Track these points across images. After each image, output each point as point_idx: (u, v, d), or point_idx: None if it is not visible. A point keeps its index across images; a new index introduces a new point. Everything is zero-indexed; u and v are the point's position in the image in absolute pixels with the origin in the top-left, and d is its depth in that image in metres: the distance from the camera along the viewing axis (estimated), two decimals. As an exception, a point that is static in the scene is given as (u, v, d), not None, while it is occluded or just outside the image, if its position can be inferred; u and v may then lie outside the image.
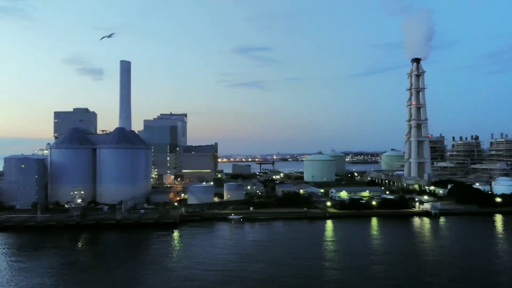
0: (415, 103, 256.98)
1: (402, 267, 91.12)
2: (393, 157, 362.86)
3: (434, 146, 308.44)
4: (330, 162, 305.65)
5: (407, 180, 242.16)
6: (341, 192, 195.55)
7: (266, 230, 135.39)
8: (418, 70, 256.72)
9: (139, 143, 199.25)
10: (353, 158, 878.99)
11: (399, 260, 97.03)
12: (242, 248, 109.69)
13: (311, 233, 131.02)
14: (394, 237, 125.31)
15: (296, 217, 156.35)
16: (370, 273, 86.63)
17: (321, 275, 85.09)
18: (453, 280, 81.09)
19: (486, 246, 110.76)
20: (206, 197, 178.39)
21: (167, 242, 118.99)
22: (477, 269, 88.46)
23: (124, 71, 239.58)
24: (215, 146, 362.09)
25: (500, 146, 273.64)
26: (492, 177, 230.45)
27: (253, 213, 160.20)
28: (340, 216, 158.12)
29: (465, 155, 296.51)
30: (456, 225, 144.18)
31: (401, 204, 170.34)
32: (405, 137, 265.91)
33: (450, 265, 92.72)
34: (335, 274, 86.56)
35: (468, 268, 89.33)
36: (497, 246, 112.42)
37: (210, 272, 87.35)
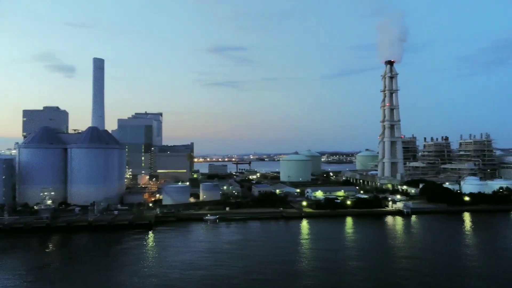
0: (389, 104, 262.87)
1: (376, 264, 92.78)
2: (367, 157, 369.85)
3: (407, 147, 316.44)
4: (306, 162, 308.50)
5: (380, 180, 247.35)
6: (316, 192, 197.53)
7: (242, 231, 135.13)
8: (392, 72, 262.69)
9: (112, 143, 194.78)
10: (328, 158, 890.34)
11: (373, 257, 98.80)
12: (218, 248, 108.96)
13: (287, 233, 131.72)
14: (368, 235, 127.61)
15: (272, 217, 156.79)
16: (345, 271, 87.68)
17: (296, 275, 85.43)
18: (424, 275, 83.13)
19: (454, 243, 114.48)
20: (182, 198, 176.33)
21: (142, 243, 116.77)
22: (446, 265, 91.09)
23: (97, 69, 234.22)
24: (191, 146, 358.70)
25: (468, 147, 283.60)
26: (461, 177, 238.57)
27: (229, 214, 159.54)
28: (315, 215, 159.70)
29: (435, 155, 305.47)
30: (427, 223, 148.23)
31: (375, 203, 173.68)
32: (379, 137, 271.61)
33: (420, 261, 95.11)
34: (311, 273, 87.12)
35: (438, 264, 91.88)
36: (465, 243, 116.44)
37: (186, 273, 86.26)
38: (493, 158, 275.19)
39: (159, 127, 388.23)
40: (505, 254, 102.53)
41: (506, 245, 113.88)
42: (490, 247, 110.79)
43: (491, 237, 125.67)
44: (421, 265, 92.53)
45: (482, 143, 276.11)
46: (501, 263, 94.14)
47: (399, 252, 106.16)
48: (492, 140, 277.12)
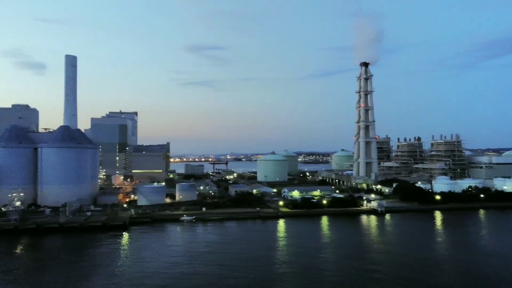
0: (364, 105, 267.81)
1: (351, 261, 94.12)
2: (343, 157, 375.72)
3: (381, 147, 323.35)
4: (283, 162, 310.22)
5: (355, 179, 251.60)
6: (293, 192, 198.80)
7: (219, 231, 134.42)
8: (367, 74, 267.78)
9: (85, 142, 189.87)
10: (305, 158, 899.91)
11: (348, 255, 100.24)
12: (194, 249, 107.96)
13: (263, 233, 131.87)
14: (344, 234, 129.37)
15: (249, 217, 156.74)
16: (320, 269, 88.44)
17: (272, 274, 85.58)
18: (397, 271, 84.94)
19: (426, 240, 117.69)
20: (157, 198, 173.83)
21: (116, 245, 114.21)
22: (418, 261, 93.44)
23: (69, 66, 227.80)
24: (167, 146, 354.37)
25: (439, 147, 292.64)
26: (433, 176, 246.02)
27: (206, 214, 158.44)
28: (292, 215, 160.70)
29: (408, 156, 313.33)
30: (400, 221, 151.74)
31: (350, 202, 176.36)
32: (354, 138, 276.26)
33: (393, 257, 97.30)
34: (286, 272, 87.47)
35: (410, 260, 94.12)
36: (436, 240, 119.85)
37: (161, 274, 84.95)
38: (463, 158, 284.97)
39: (134, 126, 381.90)
40: (473, 250, 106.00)
41: (475, 241, 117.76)
42: (459, 244, 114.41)
43: (460, 234, 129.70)
44: (394, 261, 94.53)
45: (452, 143, 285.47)
46: (469, 258, 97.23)
47: (373, 250, 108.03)
48: (462, 141, 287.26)
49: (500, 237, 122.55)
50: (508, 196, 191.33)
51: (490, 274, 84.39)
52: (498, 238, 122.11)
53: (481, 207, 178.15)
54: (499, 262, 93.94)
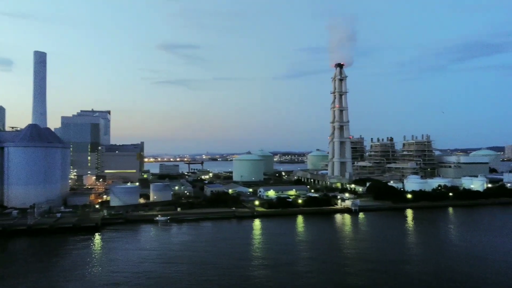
0: (338, 106, 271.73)
1: (325, 259, 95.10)
2: (318, 157, 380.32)
3: (355, 147, 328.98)
4: (258, 162, 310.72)
5: (330, 179, 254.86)
6: (268, 191, 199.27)
7: (194, 231, 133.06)
8: (341, 75, 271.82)
9: (55, 142, 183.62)
10: (281, 158, 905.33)
11: (323, 253, 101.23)
12: (169, 249, 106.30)
13: (239, 233, 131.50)
14: (318, 233, 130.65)
15: (224, 216, 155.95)
16: (295, 268, 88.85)
17: (247, 274, 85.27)
18: (370, 268, 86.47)
19: (398, 238, 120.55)
20: (131, 199, 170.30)
21: (87, 247, 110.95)
22: (390, 258, 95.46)
23: (38, 63, 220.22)
24: (141, 145, 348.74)
25: (411, 147, 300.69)
26: (404, 175, 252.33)
27: (181, 214, 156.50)
28: (267, 214, 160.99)
29: (381, 155, 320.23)
30: (373, 220, 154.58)
31: (325, 201, 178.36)
32: (329, 138, 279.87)
33: (366, 255, 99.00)
34: (262, 271, 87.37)
35: (382, 257, 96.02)
36: (407, 238, 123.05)
37: (135, 275, 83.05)
38: (433, 158, 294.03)
39: (107, 125, 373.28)
40: (442, 247, 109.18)
41: (444, 239, 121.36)
42: (428, 241, 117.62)
43: (430, 231, 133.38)
44: (366, 258, 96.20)
45: (423, 143, 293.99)
46: (438, 254, 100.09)
47: (347, 248, 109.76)
48: (432, 141, 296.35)
49: (467, 234, 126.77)
50: (475, 194, 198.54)
51: (458, 270, 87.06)
52: (465, 235, 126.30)
53: (450, 205, 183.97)
54: (465, 258, 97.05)
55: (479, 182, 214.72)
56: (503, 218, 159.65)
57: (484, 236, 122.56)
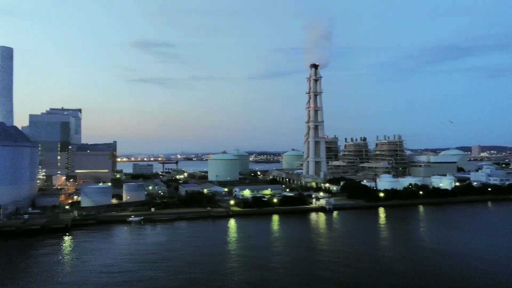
0: (313, 106, 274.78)
1: (300, 257, 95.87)
2: (293, 157, 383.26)
3: (329, 147, 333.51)
4: (234, 161, 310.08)
5: (305, 178, 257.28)
6: (244, 191, 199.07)
7: (168, 231, 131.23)
8: (316, 75, 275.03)
9: (22, 140, 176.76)
10: (256, 158, 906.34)
11: (297, 251, 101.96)
12: (142, 250, 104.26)
13: (214, 232, 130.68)
14: (293, 231, 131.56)
15: (199, 216, 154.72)
16: (271, 266, 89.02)
17: (222, 274, 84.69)
18: (343, 264, 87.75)
19: (370, 235, 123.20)
20: (103, 199, 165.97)
21: (57, 249, 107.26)
22: (363, 255, 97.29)
23: (4, 59, 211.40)
24: (114, 145, 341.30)
25: (383, 147, 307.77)
26: (377, 175, 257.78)
27: (155, 214, 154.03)
28: (243, 214, 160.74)
29: (355, 155, 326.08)
30: (347, 218, 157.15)
31: (300, 200, 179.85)
32: (304, 137, 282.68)
33: (340, 252, 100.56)
34: (237, 270, 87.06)
35: (356, 256, 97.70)
36: (379, 235, 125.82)
37: (107, 276, 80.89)
38: (404, 157, 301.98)
39: (78, 124, 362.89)
40: (413, 243, 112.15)
41: (414, 235, 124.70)
42: (399, 238, 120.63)
43: (401, 229, 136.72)
44: (340, 255, 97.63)
45: (395, 143, 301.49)
46: (409, 251, 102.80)
47: (321, 245, 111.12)
48: (403, 141, 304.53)
49: (436, 231, 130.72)
50: (444, 192, 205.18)
51: (427, 265, 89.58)
52: (435, 232, 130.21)
53: (420, 203, 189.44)
54: (434, 253, 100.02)
55: (447, 181, 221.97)
56: (470, 215, 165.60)
57: (454, 233, 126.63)
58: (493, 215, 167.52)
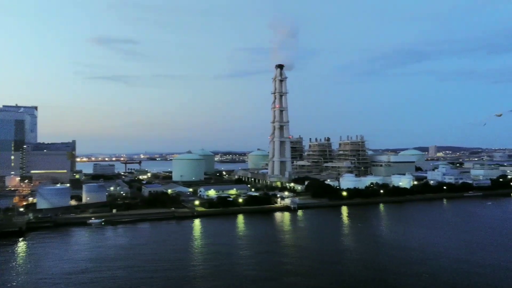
0: (279, 106, 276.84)
1: (264, 256, 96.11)
2: (258, 157, 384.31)
3: (294, 146, 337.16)
4: (199, 161, 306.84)
5: (270, 178, 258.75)
6: (209, 191, 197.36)
7: (131, 233, 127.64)
8: (281, 76, 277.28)
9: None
10: (222, 158, 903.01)
11: (262, 250, 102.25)
12: (103, 253, 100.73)
13: (178, 233, 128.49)
14: (258, 231, 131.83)
15: (163, 217, 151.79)
16: (236, 265, 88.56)
17: (186, 276, 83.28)
18: (306, 262, 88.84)
19: (333, 233, 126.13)
20: (61, 201, 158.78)
21: (10, 253, 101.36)
22: (326, 252, 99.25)
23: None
24: (73, 144, 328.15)
25: (346, 147, 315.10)
26: (340, 174, 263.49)
27: (117, 216, 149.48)
28: (208, 214, 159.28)
29: (319, 155, 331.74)
30: (311, 217, 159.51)
31: (265, 200, 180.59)
32: (270, 137, 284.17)
33: (303, 250, 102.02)
34: (203, 270, 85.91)
35: (319, 252, 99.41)
36: (342, 233, 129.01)
37: (66, 281, 77.27)
38: (366, 157, 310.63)
39: (34, 122, 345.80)
40: (373, 239, 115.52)
41: (375, 232, 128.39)
42: (361, 234, 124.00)
43: (363, 226, 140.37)
44: (304, 253, 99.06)
45: (357, 144, 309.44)
46: (369, 246, 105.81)
47: (285, 244, 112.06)
48: (365, 141, 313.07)
49: (395, 228, 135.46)
50: (403, 191, 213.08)
51: (387, 261, 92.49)
52: (393, 228, 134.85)
53: (381, 202, 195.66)
54: (395, 250, 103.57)
55: (406, 180, 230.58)
56: (427, 212, 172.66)
57: (411, 229, 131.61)
58: (448, 212, 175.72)
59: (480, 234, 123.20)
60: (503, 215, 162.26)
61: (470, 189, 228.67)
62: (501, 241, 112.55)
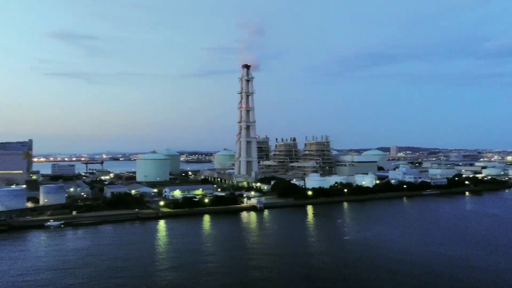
0: (245, 106, 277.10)
1: (231, 255, 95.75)
2: (225, 157, 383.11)
3: (261, 146, 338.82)
4: (164, 161, 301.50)
5: (237, 178, 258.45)
6: (174, 191, 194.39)
7: (92, 236, 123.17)
8: (248, 76, 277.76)
9: None
10: (187, 158, 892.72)
11: (228, 249, 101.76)
12: (62, 257, 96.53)
13: (141, 235, 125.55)
14: (224, 231, 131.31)
15: (126, 219, 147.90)
16: (201, 266, 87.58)
17: (148, 278, 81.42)
18: (273, 259, 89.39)
19: (298, 232, 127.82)
20: (16, 203, 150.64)
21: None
22: (292, 250, 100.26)
23: None
24: (29, 143, 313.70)
25: (312, 147, 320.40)
26: (306, 174, 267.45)
27: (77, 218, 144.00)
28: (173, 215, 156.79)
29: (285, 155, 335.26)
30: (277, 216, 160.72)
31: (231, 200, 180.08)
32: (236, 137, 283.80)
33: (269, 248, 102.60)
34: (166, 273, 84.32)
35: (284, 250, 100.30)
36: (306, 231, 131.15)
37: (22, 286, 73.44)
38: (331, 157, 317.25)
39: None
40: (336, 237, 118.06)
41: (338, 230, 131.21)
42: (325, 232, 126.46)
43: (327, 224, 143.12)
44: (269, 251, 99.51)
45: (322, 144, 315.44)
46: (332, 244, 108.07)
47: (251, 243, 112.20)
48: (330, 141, 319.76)
49: (357, 226, 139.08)
50: (366, 190, 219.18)
51: (349, 258, 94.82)
52: (355, 226, 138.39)
53: (345, 200, 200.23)
54: (357, 247, 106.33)
55: (369, 179, 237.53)
56: (388, 210, 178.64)
57: (373, 226, 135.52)
58: (407, 210, 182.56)
59: (436, 230, 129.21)
60: (456, 212, 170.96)
61: (428, 187, 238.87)
62: (453, 236, 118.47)
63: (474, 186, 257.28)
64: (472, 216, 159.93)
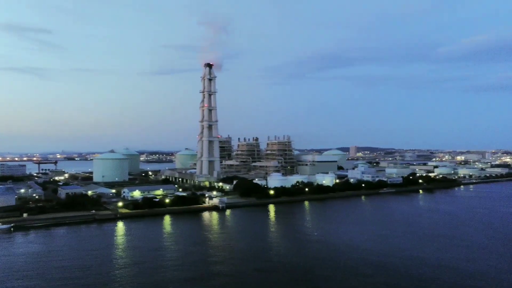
0: (207, 105, 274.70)
1: (189, 255, 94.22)
2: (187, 156, 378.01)
3: (223, 146, 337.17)
4: (123, 161, 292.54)
5: (199, 178, 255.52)
6: (134, 192, 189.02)
7: (44, 239, 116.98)
8: (210, 75, 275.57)
9: None
10: (148, 157, 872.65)
11: (189, 250, 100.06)
12: (10, 263, 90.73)
13: (98, 237, 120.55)
14: (185, 231, 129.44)
15: (82, 221, 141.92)
16: (162, 267, 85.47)
17: (103, 282, 78.34)
18: (234, 259, 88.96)
19: (260, 231, 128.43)
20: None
21: None
22: (250, 247, 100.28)
23: None
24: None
25: (274, 147, 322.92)
26: (268, 173, 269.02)
27: (28, 220, 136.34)
28: (132, 216, 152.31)
29: (247, 154, 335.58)
30: (239, 215, 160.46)
31: (193, 200, 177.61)
32: (198, 137, 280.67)
33: (232, 249, 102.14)
34: (123, 277, 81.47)
35: (248, 250, 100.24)
36: (268, 230, 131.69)
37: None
38: (292, 157, 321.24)
39: None
40: (297, 235, 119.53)
41: (299, 228, 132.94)
42: (286, 231, 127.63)
43: (288, 223, 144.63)
44: (231, 251, 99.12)
45: (284, 144, 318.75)
46: (293, 242, 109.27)
47: (213, 242, 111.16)
48: (292, 141, 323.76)
49: (317, 224, 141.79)
50: (326, 189, 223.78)
51: (310, 254, 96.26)
52: (316, 224, 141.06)
53: (306, 199, 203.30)
54: (319, 244, 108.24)
55: (329, 178, 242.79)
56: (347, 208, 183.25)
57: (332, 225, 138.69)
58: (365, 208, 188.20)
59: (390, 226, 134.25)
60: (410, 209, 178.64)
61: (385, 186, 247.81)
62: (406, 231, 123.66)
63: (427, 184, 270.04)
64: (424, 212, 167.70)
